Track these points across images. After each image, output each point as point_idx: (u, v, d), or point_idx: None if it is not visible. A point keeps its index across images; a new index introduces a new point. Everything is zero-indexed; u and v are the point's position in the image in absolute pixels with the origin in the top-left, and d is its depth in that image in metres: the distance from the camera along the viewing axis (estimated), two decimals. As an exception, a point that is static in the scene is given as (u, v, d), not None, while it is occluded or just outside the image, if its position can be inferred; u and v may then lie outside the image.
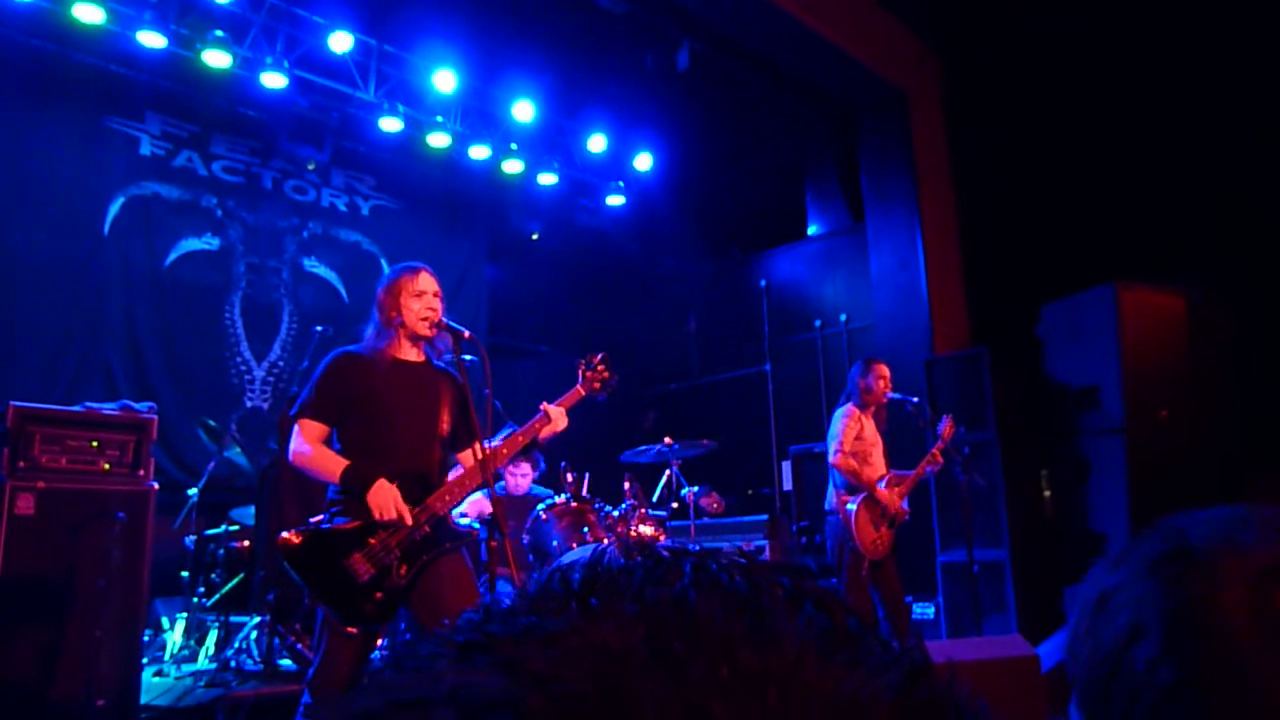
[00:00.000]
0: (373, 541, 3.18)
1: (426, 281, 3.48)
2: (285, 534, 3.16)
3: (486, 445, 3.36)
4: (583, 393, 3.69)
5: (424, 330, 3.44)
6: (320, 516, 3.28)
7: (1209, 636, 0.69)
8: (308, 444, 3.29)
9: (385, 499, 3.18)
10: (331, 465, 3.24)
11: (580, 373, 3.72)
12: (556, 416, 3.54)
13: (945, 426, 5.61)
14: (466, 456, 3.55)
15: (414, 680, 0.30)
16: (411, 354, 3.47)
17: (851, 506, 5.28)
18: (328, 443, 3.34)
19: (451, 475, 3.47)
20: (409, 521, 3.21)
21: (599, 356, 3.74)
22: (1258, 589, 0.69)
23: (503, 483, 5.93)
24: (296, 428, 3.32)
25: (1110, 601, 0.76)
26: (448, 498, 3.33)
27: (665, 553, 0.35)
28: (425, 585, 3.24)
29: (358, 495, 3.19)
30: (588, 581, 0.33)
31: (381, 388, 3.34)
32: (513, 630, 0.31)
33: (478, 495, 5.57)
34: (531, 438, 3.50)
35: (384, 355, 3.41)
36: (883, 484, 5.42)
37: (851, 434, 5.39)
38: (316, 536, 3.20)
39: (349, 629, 3.13)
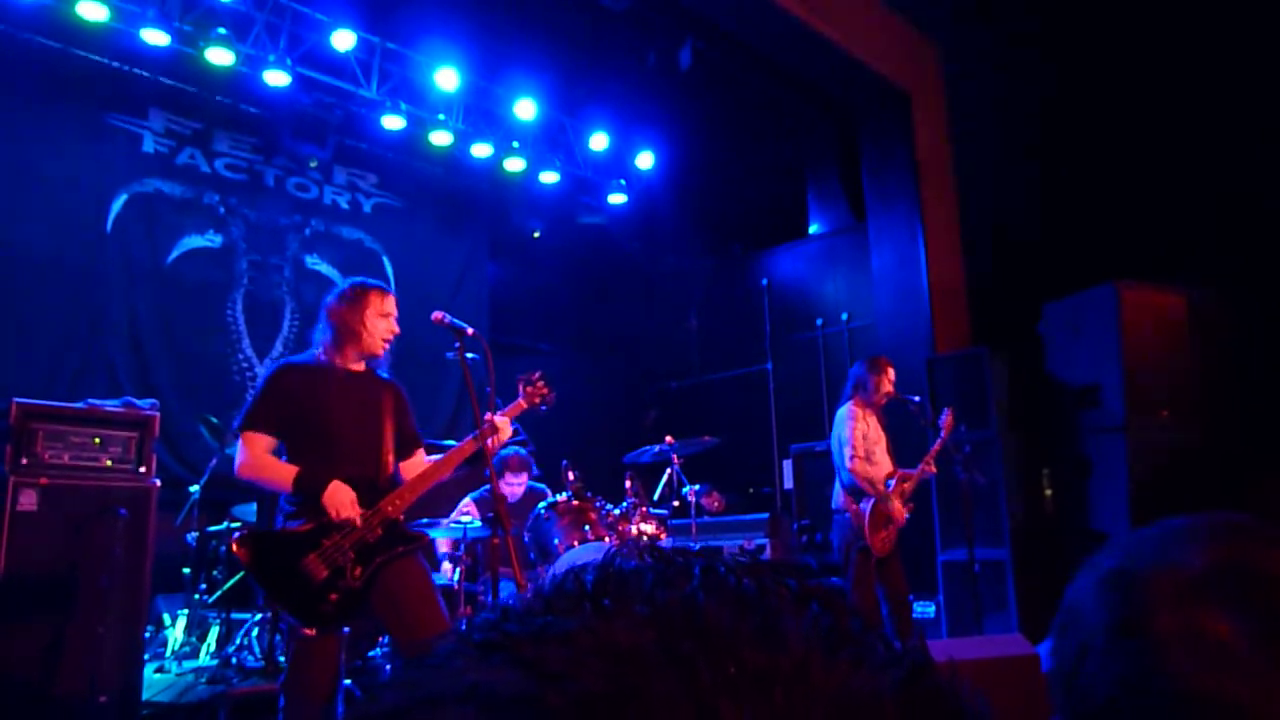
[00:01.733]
0: (326, 543, 3.22)
1: (392, 304, 3.55)
2: (238, 538, 3.23)
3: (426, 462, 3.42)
4: (525, 405, 3.75)
5: (379, 350, 3.51)
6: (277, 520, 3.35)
7: (1145, 657, 0.71)
8: (254, 455, 3.32)
9: (340, 500, 3.23)
10: (282, 473, 3.28)
11: (521, 388, 3.79)
12: (503, 427, 3.58)
13: (946, 419, 5.64)
14: (410, 466, 3.60)
15: (435, 677, 0.31)
16: (356, 364, 3.52)
17: (865, 507, 5.30)
18: (276, 454, 3.37)
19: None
20: (358, 523, 3.25)
21: (536, 374, 3.82)
22: (1187, 608, 0.71)
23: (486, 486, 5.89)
24: (241, 441, 3.36)
25: (1069, 618, 0.79)
26: (399, 501, 3.37)
27: (676, 555, 0.36)
28: (384, 586, 3.28)
29: (313, 498, 3.23)
30: (600, 582, 0.34)
31: (328, 398, 3.38)
32: (529, 629, 0.32)
33: (467, 501, 5.59)
34: (479, 448, 3.52)
35: (332, 366, 3.46)
36: (890, 484, 5.44)
37: (858, 435, 5.42)
38: (270, 539, 3.28)
39: (306, 630, 3.17)
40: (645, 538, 5.28)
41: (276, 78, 7.09)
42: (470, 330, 3.49)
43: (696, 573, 0.34)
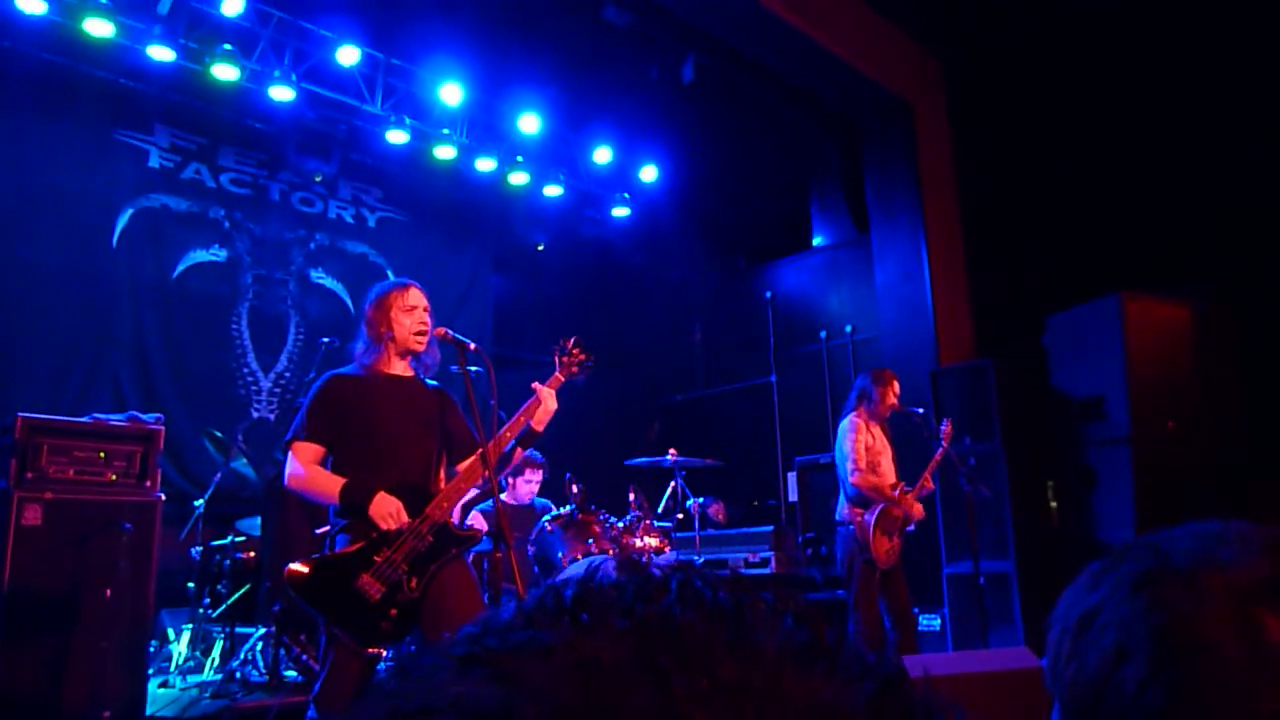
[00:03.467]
0: (378, 559, 3.19)
1: (416, 297, 3.52)
2: (292, 566, 3.15)
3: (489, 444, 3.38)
4: (562, 378, 3.72)
5: (416, 345, 3.48)
6: (325, 539, 3.31)
7: (1198, 656, 0.69)
8: (303, 467, 3.31)
9: (387, 509, 3.20)
10: (329, 485, 3.26)
11: (557, 359, 3.76)
12: (546, 397, 3.58)
13: (945, 431, 5.67)
14: (467, 467, 3.57)
15: (417, 690, 0.32)
16: (401, 369, 3.51)
17: (869, 518, 5.29)
18: (323, 465, 3.36)
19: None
20: (406, 532, 3.22)
21: (571, 341, 3.79)
22: (1242, 608, 0.69)
23: (504, 495, 5.90)
24: (291, 453, 3.34)
25: (1094, 622, 0.75)
26: (445, 504, 3.35)
27: (655, 570, 0.37)
28: (432, 595, 3.25)
29: (360, 510, 3.21)
30: (580, 598, 0.35)
31: (374, 405, 3.37)
32: (509, 644, 0.33)
33: (474, 514, 5.58)
34: (529, 419, 3.53)
35: (375, 372, 3.45)
36: (895, 492, 5.44)
37: (861, 447, 5.42)
38: (323, 564, 3.20)
39: (370, 650, 3.13)
40: (649, 551, 5.27)
41: (281, 93, 7.13)
42: (473, 345, 3.49)
43: (674, 587, 0.35)
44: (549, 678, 0.30)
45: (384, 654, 3.24)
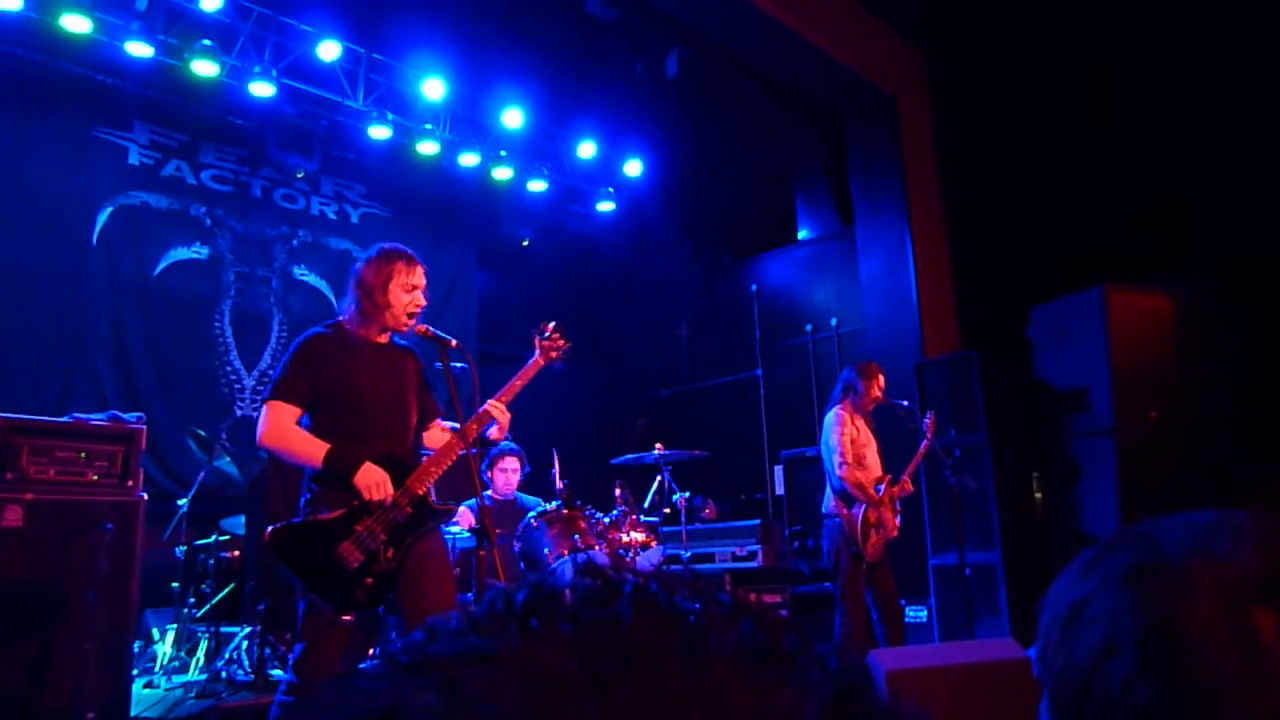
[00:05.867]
0: (359, 528, 3.19)
1: (420, 276, 3.45)
2: (272, 528, 3.15)
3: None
4: (542, 363, 3.70)
5: (404, 325, 3.43)
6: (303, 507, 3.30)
7: (1187, 655, 0.67)
8: (282, 425, 3.25)
9: (374, 480, 3.19)
10: (312, 449, 3.21)
11: (537, 342, 3.73)
12: (498, 413, 3.50)
13: (928, 423, 5.70)
14: (431, 437, 3.59)
15: (356, 698, 0.31)
16: (379, 335, 3.46)
17: (858, 511, 5.30)
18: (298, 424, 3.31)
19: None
20: (386, 503, 3.23)
21: (550, 325, 3.76)
22: (1234, 605, 0.67)
23: (489, 491, 5.89)
24: (266, 409, 3.28)
25: (1083, 614, 0.73)
26: (426, 478, 3.33)
27: (611, 572, 0.36)
28: (407, 566, 3.25)
29: (344, 478, 3.18)
30: (529, 602, 0.34)
31: (356, 372, 3.32)
32: (452, 651, 0.32)
33: (464, 508, 5.57)
34: (481, 430, 3.49)
35: (358, 338, 3.40)
36: (880, 488, 5.45)
37: (847, 441, 5.42)
38: (304, 528, 3.20)
39: (345, 617, 3.13)
40: (634, 546, 5.27)
41: (262, 89, 7.08)
42: (454, 342, 3.47)
43: (627, 590, 0.34)
44: (489, 686, 0.29)
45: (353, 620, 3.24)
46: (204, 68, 6.78)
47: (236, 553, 5.93)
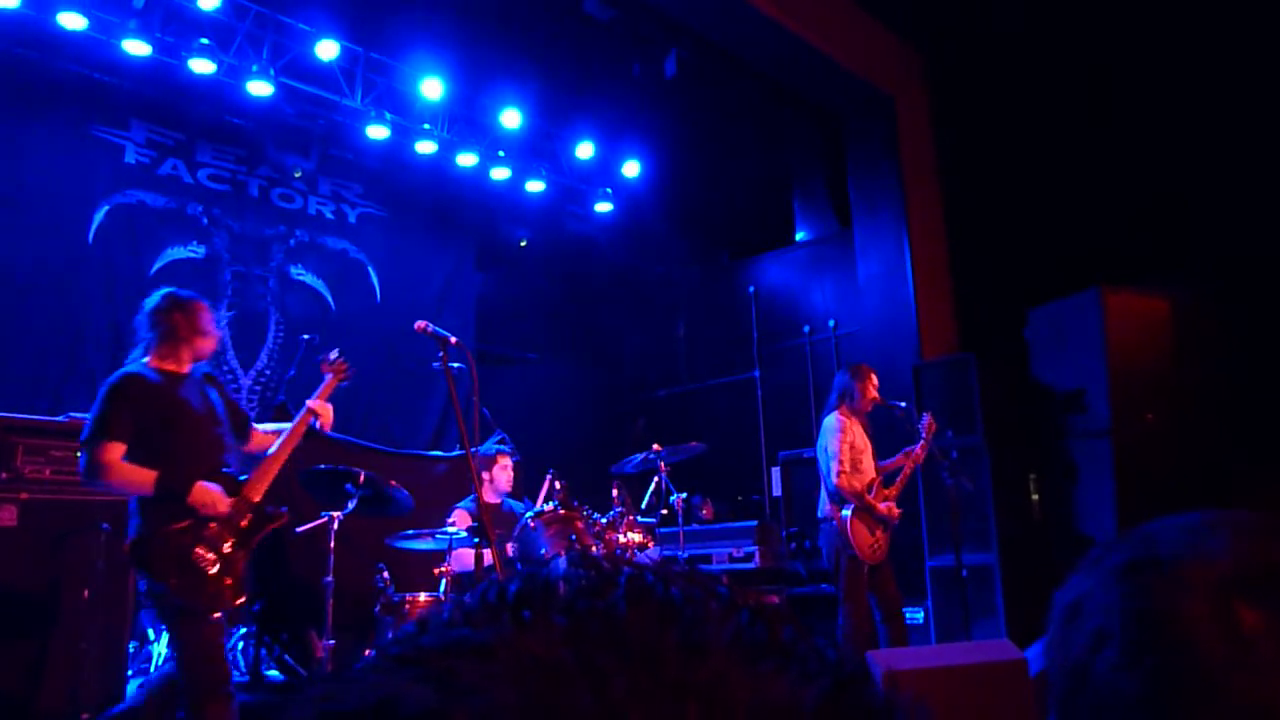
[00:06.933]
0: (207, 534, 3.47)
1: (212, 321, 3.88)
2: (130, 540, 3.42)
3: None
4: (335, 382, 4.05)
5: (209, 354, 3.85)
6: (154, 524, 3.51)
7: (1173, 645, 0.68)
8: (113, 463, 3.42)
9: (209, 497, 3.47)
10: (141, 477, 3.43)
11: (323, 369, 4.08)
12: (322, 411, 3.90)
13: (926, 424, 5.68)
14: (259, 441, 3.93)
15: (348, 691, 0.31)
16: (185, 367, 3.74)
17: (846, 513, 5.30)
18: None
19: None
20: (225, 513, 3.52)
21: (335, 352, 4.12)
22: (1221, 600, 0.68)
23: (473, 495, 5.86)
24: (94, 451, 3.41)
25: (1080, 610, 0.75)
26: (260, 485, 3.66)
27: (605, 563, 0.35)
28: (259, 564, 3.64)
29: (176, 499, 3.42)
30: (522, 593, 0.33)
31: (175, 401, 3.60)
32: (444, 642, 0.31)
33: (457, 510, 5.56)
34: (304, 430, 3.88)
35: (166, 370, 3.66)
36: (871, 491, 5.44)
37: (846, 447, 5.42)
38: (157, 542, 3.43)
39: (214, 615, 3.41)
40: (632, 546, 5.26)
41: (259, 88, 7.06)
42: (454, 339, 3.48)
43: (622, 582, 0.33)
44: (483, 677, 0.29)
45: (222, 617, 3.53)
46: (201, 66, 6.76)
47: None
